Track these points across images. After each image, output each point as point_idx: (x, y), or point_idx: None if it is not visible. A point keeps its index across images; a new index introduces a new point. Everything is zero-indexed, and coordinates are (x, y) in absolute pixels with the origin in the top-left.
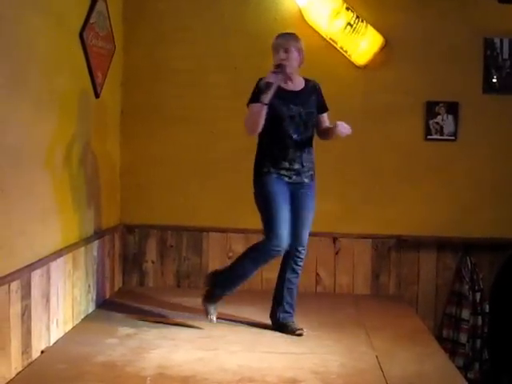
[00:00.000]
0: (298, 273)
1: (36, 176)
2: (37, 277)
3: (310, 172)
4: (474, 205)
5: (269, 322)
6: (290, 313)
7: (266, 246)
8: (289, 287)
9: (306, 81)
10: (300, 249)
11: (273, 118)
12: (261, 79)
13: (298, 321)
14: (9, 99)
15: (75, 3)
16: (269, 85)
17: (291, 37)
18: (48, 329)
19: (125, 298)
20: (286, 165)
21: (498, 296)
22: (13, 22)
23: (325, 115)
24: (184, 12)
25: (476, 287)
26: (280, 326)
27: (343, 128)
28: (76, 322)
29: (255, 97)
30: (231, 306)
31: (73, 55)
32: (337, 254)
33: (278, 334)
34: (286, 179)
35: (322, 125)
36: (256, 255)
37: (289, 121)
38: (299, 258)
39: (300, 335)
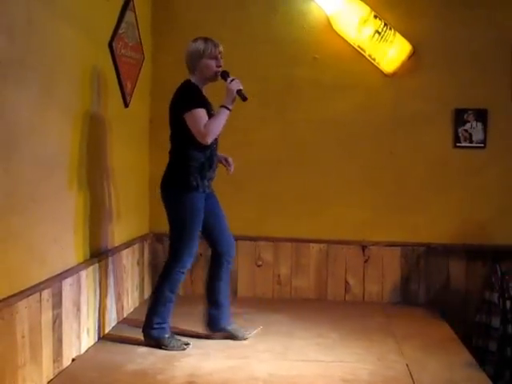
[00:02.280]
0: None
1: (67, 186)
2: (68, 285)
3: None
4: (503, 212)
5: (299, 329)
6: (229, 317)
7: (181, 267)
8: (227, 290)
9: None
10: (233, 252)
11: None
12: (189, 82)
13: (327, 328)
14: (40, 110)
15: (104, 13)
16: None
17: None
18: (79, 337)
19: None
20: (210, 174)
21: None
22: (43, 33)
23: None
24: (212, 21)
25: (506, 295)
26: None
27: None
28: (106, 331)
29: (199, 102)
30: (261, 315)
31: (102, 65)
32: (366, 262)
33: (308, 341)
34: (206, 191)
35: None
36: (176, 279)
37: None
38: (230, 263)
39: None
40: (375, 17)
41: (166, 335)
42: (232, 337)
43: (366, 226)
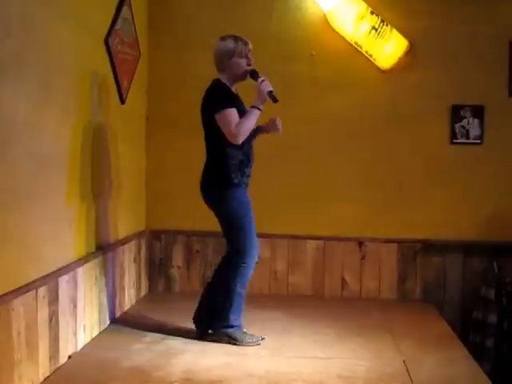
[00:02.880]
0: None
1: (63, 183)
2: (64, 282)
3: None
4: (500, 209)
5: (296, 326)
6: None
7: (249, 261)
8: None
9: None
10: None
11: None
12: (219, 81)
13: (324, 325)
14: (36, 106)
15: (100, 10)
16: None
17: None
18: (75, 334)
19: (151, 303)
20: (249, 170)
21: None
22: (39, 29)
23: None
24: (209, 17)
25: (503, 292)
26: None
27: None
28: (103, 328)
29: (229, 101)
30: (257, 312)
31: (98, 61)
32: (363, 258)
33: (305, 338)
34: (246, 187)
35: None
36: (245, 275)
37: None
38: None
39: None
40: (372, 13)
41: (240, 331)
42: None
43: (362, 222)
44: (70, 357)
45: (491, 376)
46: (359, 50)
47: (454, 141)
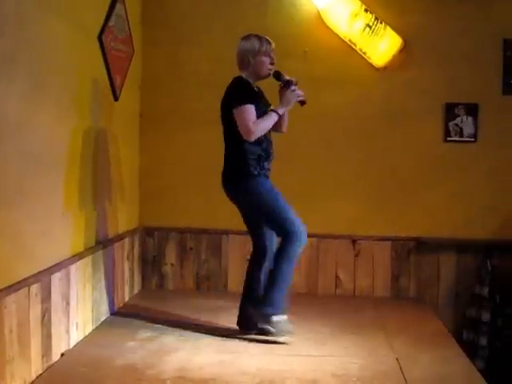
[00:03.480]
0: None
1: (56, 180)
2: (57, 280)
3: None
4: (493, 206)
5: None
6: None
7: (296, 240)
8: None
9: None
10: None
11: (258, 117)
12: (241, 78)
13: (318, 323)
14: (28, 103)
15: (94, 6)
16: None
17: None
18: (68, 332)
19: (144, 300)
20: (268, 165)
21: None
22: (32, 26)
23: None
24: (203, 14)
25: (496, 289)
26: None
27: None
28: (96, 325)
29: (250, 97)
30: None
31: (92, 58)
32: (356, 256)
33: (298, 336)
34: (267, 178)
35: None
36: (291, 255)
37: None
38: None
39: None
40: (366, 10)
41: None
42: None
43: (356, 220)
44: (62, 354)
45: (485, 374)
46: (353, 47)
47: (448, 139)
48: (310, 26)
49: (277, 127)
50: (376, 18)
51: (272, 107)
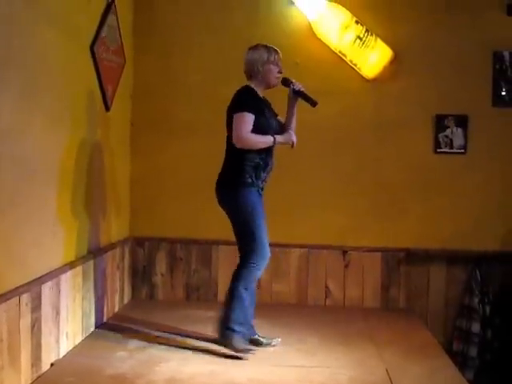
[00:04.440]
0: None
1: (47, 188)
2: (47, 289)
3: None
4: (483, 218)
5: (279, 334)
6: (253, 326)
7: (257, 261)
8: (254, 299)
9: None
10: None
11: (263, 126)
12: (248, 87)
13: (308, 334)
14: (20, 112)
15: (86, 17)
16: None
17: None
18: (58, 341)
19: (134, 310)
20: (265, 175)
21: (507, 309)
22: (25, 36)
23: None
24: (194, 25)
25: (486, 300)
26: (252, 342)
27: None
28: (85, 335)
29: (253, 106)
30: None
31: (84, 68)
32: (346, 267)
33: (288, 347)
34: (260, 191)
35: (281, 124)
36: (250, 275)
37: (271, 130)
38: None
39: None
40: (357, 22)
41: (240, 338)
42: (256, 344)
43: (346, 231)
44: (52, 364)
45: None
46: (344, 59)
47: (438, 150)
48: (302, 38)
49: None
50: (367, 30)
51: (279, 118)
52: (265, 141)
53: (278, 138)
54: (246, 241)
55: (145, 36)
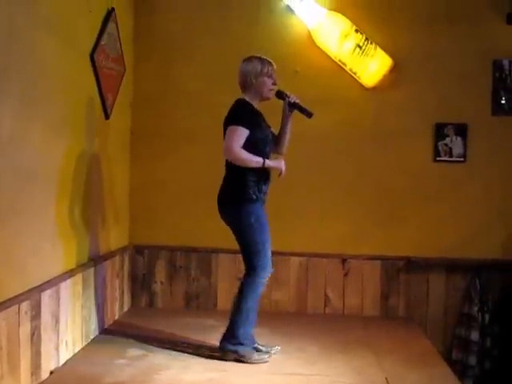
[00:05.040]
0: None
1: (47, 196)
2: (47, 297)
3: None
4: (483, 226)
5: (278, 343)
6: (253, 335)
7: (256, 276)
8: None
9: None
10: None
11: (260, 140)
12: (243, 100)
13: (307, 342)
14: (20, 120)
15: (86, 25)
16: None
17: None
18: (57, 349)
19: (134, 318)
20: (266, 188)
21: (507, 317)
22: (25, 44)
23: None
24: (194, 33)
25: (485, 309)
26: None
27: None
28: (85, 343)
29: (247, 121)
30: None
31: (83, 76)
32: (346, 275)
33: (287, 355)
34: (263, 204)
35: (274, 136)
36: (249, 291)
37: (268, 144)
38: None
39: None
40: (356, 31)
41: (250, 349)
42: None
43: (346, 239)
44: (51, 372)
45: None
46: (343, 67)
47: (438, 158)
48: (301, 47)
49: (277, 147)
50: (366, 39)
51: (272, 130)
52: (254, 160)
53: (268, 162)
54: (251, 257)
55: (145, 44)
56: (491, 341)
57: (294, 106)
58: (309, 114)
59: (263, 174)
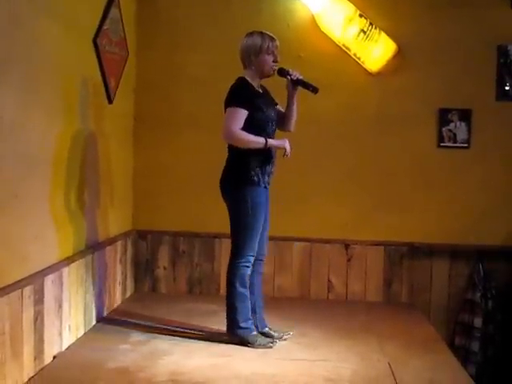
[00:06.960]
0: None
1: (49, 182)
2: (49, 282)
3: None
4: (486, 212)
5: (282, 328)
6: (264, 319)
7: (239, 261)
8: (260, 292)
9: None
10: (265, 253)
11: (260, 120)
12: (243, 80)
13: (310, 327)
14: (22, 105)
15: (89, 9)
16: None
17: None
18: (60, 334)
19: (137, 304)
20: (270, 169)
21: (510, 304)
22: (27, 29)
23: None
24: (197, 19)
25: (488, 295)
26: (263, 335)
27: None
28: (88, 328)
29: (245, 101)
30: None
31: (86, 61)
32: (349, 261)
33: (290, 341)
34: (267, 186)
35: (281, 113)
36: (234, 275)
37: (270, 123)
38: (263, 261)
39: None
40: (360, 16)
41: (253, 333)
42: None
43: (349, 224)
44: (54, 357)
45: (476, 379)
46: (348, 52)
47: (442, 144)
48: (305, 31)
49: (284, 126)
50: (370, 24)
51: (278, 107)
52: (255, 141)
53: (271, 141)
54: (237, 239)
55: (148, 29)
56: (494, 327)
57: (297, 82)
58: (314, 90)
59: (267, 155)
